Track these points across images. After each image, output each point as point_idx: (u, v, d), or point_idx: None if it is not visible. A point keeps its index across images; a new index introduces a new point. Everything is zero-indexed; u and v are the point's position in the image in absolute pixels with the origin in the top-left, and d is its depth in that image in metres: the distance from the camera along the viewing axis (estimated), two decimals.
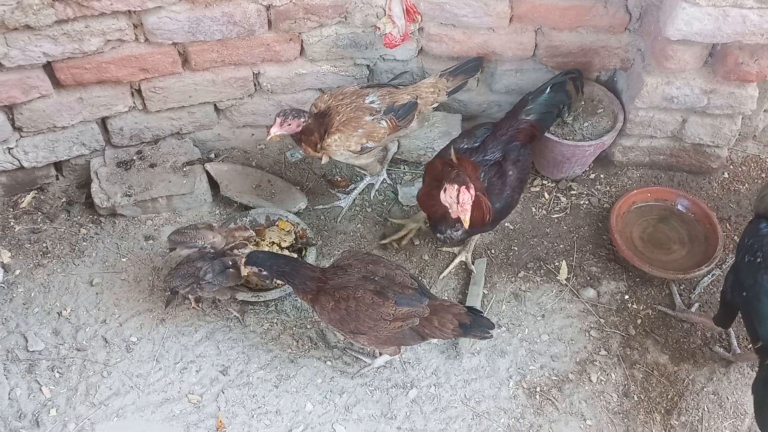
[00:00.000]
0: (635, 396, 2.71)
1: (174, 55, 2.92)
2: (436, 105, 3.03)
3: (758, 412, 2.38)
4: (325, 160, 2.90)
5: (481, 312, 2.57)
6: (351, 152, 2.88)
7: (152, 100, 3.05)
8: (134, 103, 3.06)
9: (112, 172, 3.11)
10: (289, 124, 2.76)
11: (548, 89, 2.91)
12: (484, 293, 2.93)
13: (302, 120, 2.77)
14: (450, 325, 2.43)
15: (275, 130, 2.75)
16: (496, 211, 2.67)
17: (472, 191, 2.44)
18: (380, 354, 2.70)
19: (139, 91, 3.02)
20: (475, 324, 2.46)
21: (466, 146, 2.76)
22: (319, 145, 2.85)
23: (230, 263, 2.66)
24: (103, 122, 3.10)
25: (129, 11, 2.71)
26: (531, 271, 3.02)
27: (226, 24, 2.83)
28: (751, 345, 2.55)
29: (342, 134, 2.83)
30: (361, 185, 3.24)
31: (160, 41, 2.84)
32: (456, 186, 2.44)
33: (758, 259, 2.38)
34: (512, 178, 2.71)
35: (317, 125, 2.83)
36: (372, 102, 2.88)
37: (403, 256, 3.05)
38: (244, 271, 2.55)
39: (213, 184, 3.18)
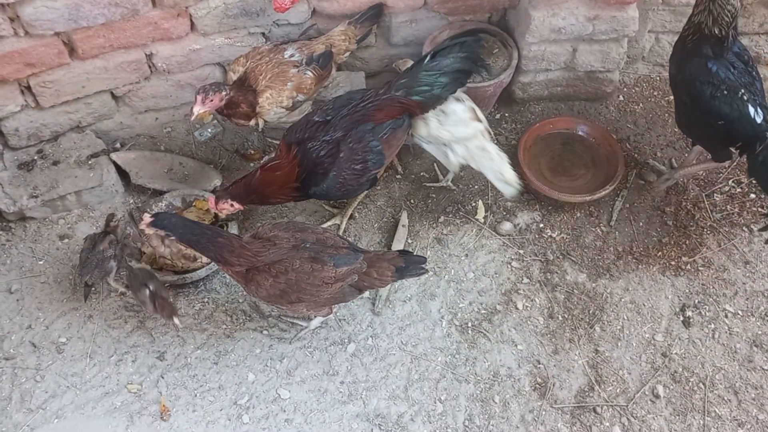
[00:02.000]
0: (559, 316, 2.85)
1: (59, 46, 2.82)
2: (348, 53, 3.05)
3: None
4: (261, 124, 2.86)
5: (410, 251, 2.63)
6: (283, 109, 2.86)
7: (44, 96, 2.95)
8: (26, 101, 2.95)
9: (15, 175, 3.00)
10: (212, 100, 2.69)
11: (427, 59, 2.69)
12: (408, 242, 3.01)
13: (224, 93, 2.72)
14: (388, 272, 2.50)
15: (198, 109, 2.67)
16: (317, 191, 2.69)
17: (220, 205, 2.74)
18: (314, 316, 2.74)
19: (29, 87, 2.91)
20: (410, 264, 2.53)
21: (316, 119, 2.66)
22: (252, 116, 2.79)
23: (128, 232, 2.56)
24: None
25: (2, 4, 2.59)
26: (450, 215, 3.11)
27: (107, 6, 2.74)
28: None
29: (273, 90, 2.81)
30: None
31: (41, 32, 2.73)
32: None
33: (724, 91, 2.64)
34: (342, 159, 2.62)
35: (242, 95, 2.78)
36: (292, 55, 2.89)
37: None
38: (148, 230, 2.39)
39: (123, 173, 3.12)
